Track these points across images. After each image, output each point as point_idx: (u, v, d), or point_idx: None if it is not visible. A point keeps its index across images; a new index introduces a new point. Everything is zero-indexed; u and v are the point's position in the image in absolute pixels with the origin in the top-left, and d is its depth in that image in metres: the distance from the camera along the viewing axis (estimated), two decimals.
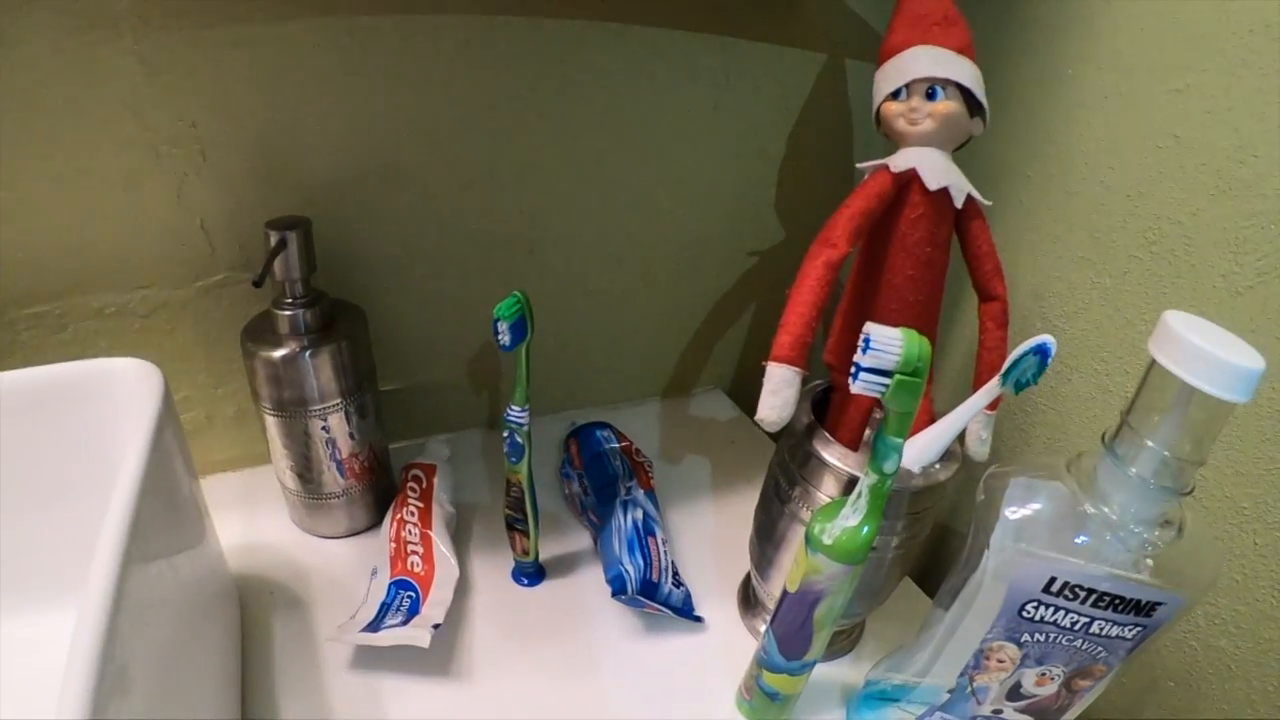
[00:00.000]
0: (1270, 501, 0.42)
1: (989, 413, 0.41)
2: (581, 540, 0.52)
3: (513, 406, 0.42)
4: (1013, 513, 0.33)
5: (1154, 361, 0.29)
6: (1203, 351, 0.27)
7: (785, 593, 0.37)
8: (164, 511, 0.32)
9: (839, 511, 0.34)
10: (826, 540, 0.34)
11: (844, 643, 0.47)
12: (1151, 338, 0.30)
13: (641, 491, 0.50)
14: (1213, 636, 0.46)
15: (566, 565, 0.49)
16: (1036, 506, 0.33)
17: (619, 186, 0.57)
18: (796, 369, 0.36)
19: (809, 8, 0.56)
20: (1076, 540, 0.32)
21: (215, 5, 0.41)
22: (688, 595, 0.47)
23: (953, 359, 0.63)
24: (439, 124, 0.48)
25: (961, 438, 0.42)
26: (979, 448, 0.41)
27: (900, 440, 0.32)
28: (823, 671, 0.45)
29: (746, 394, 0.74)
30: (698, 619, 0.46)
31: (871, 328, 0.30)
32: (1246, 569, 0.44)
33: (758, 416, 0.36)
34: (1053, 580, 0.32)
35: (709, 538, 0.53)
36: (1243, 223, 0.43)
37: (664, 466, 0.59)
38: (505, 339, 0.38)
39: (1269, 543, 0.42)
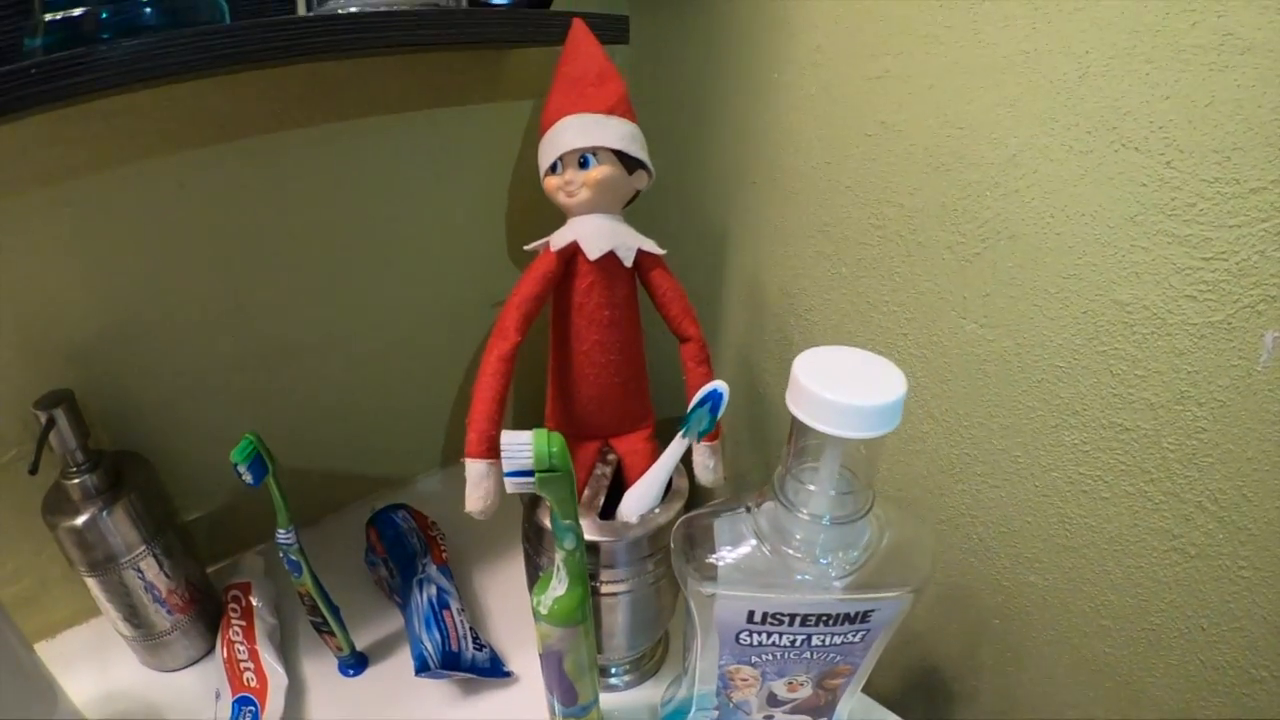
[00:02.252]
0: (1042, 448, 0.46)
1: (711, 444, 0.45)
2: (397, 621, 0.56)
3: (279, 530, 0.46)
4: (713, 558, 0.35)
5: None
6: (833, 403, 0.28)
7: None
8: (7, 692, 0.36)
9: (549, 584, 0.39)
10: (544, 610, 0.39)
11: (649, 665, 0.52)
12: (787, 391, 0.31)
13: (435, 567, 0.55)
14: (1021, 574, 0.51)
15: (386, 648, 0.55)
16: (728, 551, 0.35)
17: (364, 275, 0.62)
18: (489, 461, 0.40)
19: (513, 64, 0.59)
20: (770, 578, 0.34)
21: None
22: (492, 655, 0.52)
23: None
24: (174, 265, 0.53)
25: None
26: (708, 476, 0.46)
27: (569, 522, 0.36)
28: (633, 695, 0.51)
29: None
30: (507, 674, 0.51)
31: (504, 435, 0.34)
32: (1033, 510, 0.48)
33: (466, 509, 0.41)
34: (752, 612, 0.35)
35: (513, 593, 0.58)
36: (958, 195, 0.47)
37: (464, 531, 0.63)
38: (248, 478, 0.42)
39: (1046, 484, 0.47)
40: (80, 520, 0.47)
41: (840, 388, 0.29)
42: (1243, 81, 0.34)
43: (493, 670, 0.51)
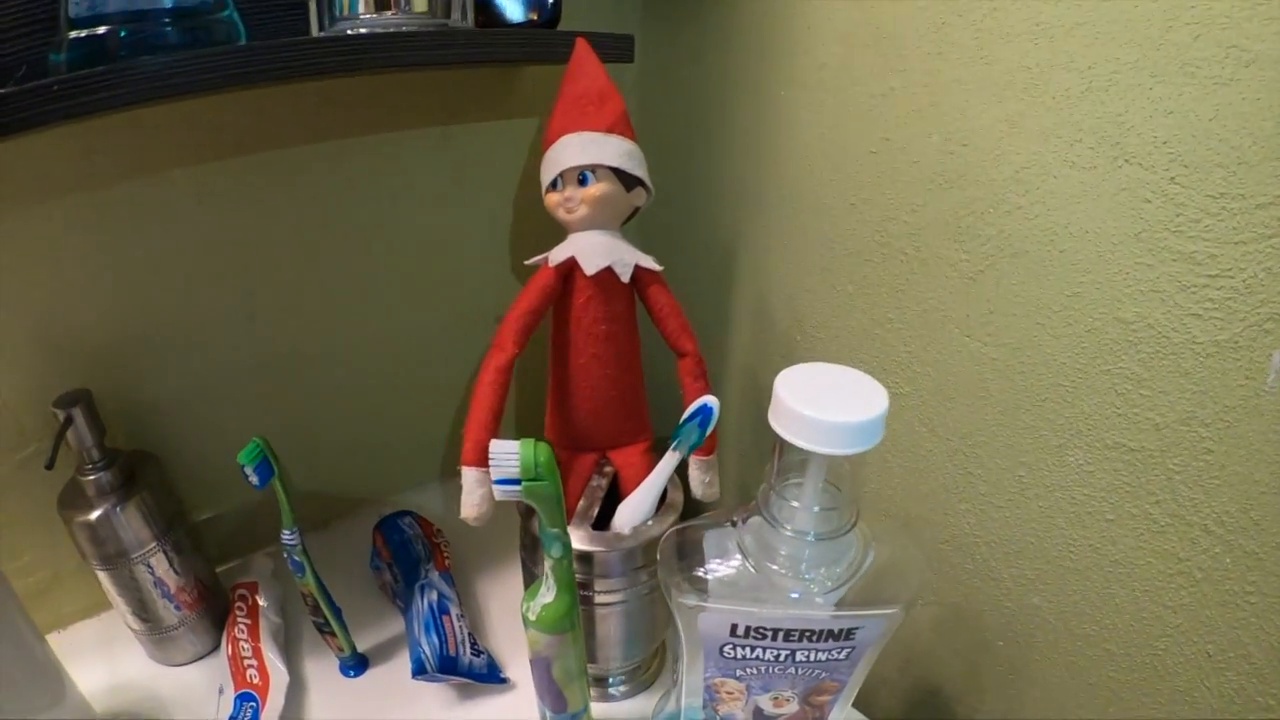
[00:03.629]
0: (1045, 468, 0.45)
1: (705, 459, 0.46)
2: (400, 625, 0.57)
3: (284, 531, 0.47)
4: (701, 571, 0.35)
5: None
6: (815, 420, 0.29)
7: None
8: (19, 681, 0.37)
9: (539, 591, 0.40)
10: (532, 617, 0.39)
11: (645, 676, 0.52)
12: (770, 408, 0.31)
13: (437, 573, 0.56)
14: (1025, 595, 0.49)
15: (388, 651, 0.55)
16: (716, 565, 0.35)
17: (374, 288, 0.63)
18: (483, 469, 0.40)
19: (526, 80, 0.60)
20: (756, 593, 0.34)
21: None
22: (490, 662, 0.52)
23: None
24: (191, 273, 0.54)
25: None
26: (703, 490, 0.46)
27: (556, 530, 0.37)
28: (630, 706, 0.51)
29: None
30: (504, 680, 0.51)
31: (492, 444, 0.34)
32: (1037, 530, 0.47)
33: (460, 515, 0.41)
34: (735, 626, 0.35)
35: (513, 601, 0.58)
36: (962, 212, 0.46)
37: (469, 539, 0.62)
38: (254, 480, 0.44)
39: (1049, 504, 0.46)
40: (94, 515, 0.48)
41: (822, 404, 0.29)
42: (1248, 94, 0.33)
43: (489, 676, 0.51)
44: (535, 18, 0.50)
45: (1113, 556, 0.44)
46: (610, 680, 0.51)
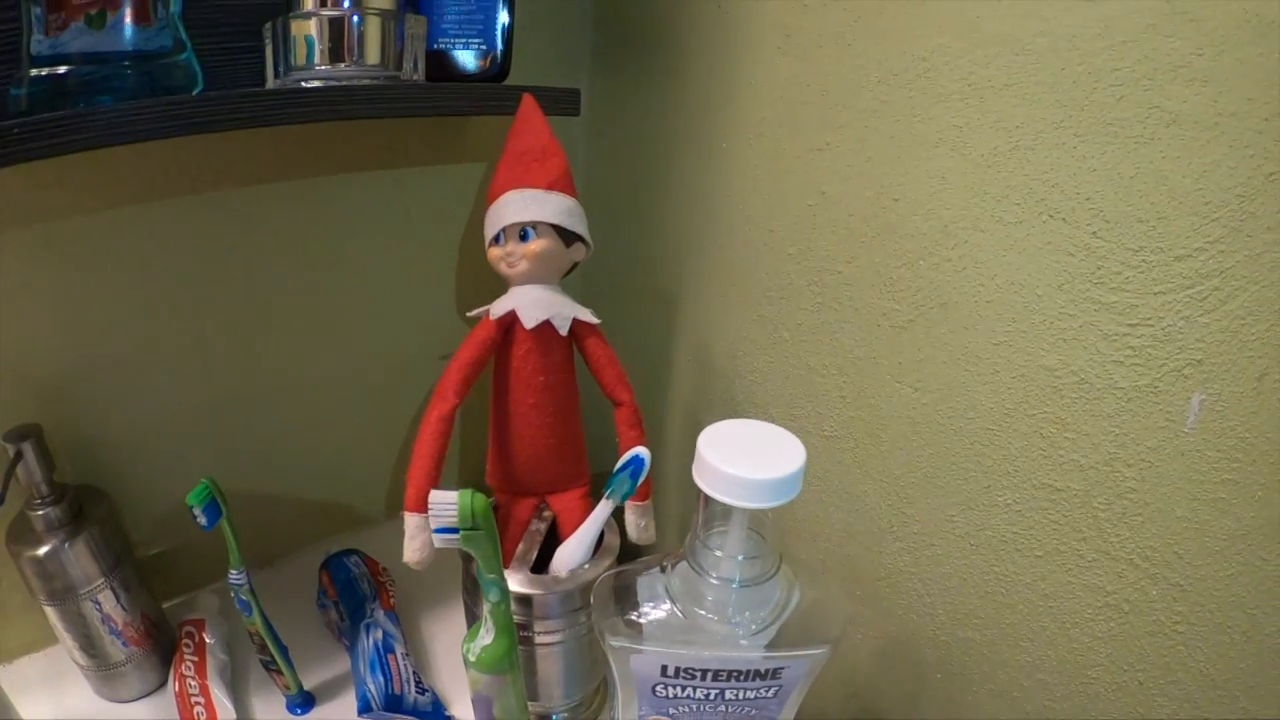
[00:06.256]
0: (976, 507, 0.47)
1: (640, 504, 0.47)
2: (346, 664, 0.55)
3: (231, 571, 0.47)
4: (634, 615, 0.36)
5: None
6: (735, 477, 0.30)
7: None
8: None
9: (478, 633, 0.41)
10: (472, 658, 0.39)
11: (586, 714, 0.51)
12: (693, 465, 0.32)
13: (382, 612, 0.54)
14: (960, 629, 0.49)
15: (334, 689, 0.54)
16: (649, 608, 0.36)
17: (323, 327, 0.62)
18: (425, 515, 0.41)
19: (475, 128, 0.61)
20: (685, 635, 0.35)
21: None
22: (435, 700, 0.50)
23: None
24: (143, 309, 0.53)
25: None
26: (639, 534, 0.47)
27: (493, 576, 0.38)
28: None
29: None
30: (448, 718, 0.51)
31: (432, 494, 0.35)
32: (969, 566, 0.48)
33: (404, 559, 0.42)
34: (665, 667, 0.35)
35: (457, 640, 0.55)
36: (894, 264, 0.46)
37: (414, 579, 0.60)
38: (203, 520, 0.44)
39: (980, 541, 0.47)
40: (42, 550, 0.47)
41: (742, 461, 0.30)
42: (1167, 153, 0.34)
43: (434, 714, 0.49)
44: (486, 65, 0.52)
45: (1042, 590, 0.44)
46: (553, 717, 0.51)
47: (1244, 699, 0.38)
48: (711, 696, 0.36)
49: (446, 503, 0.34)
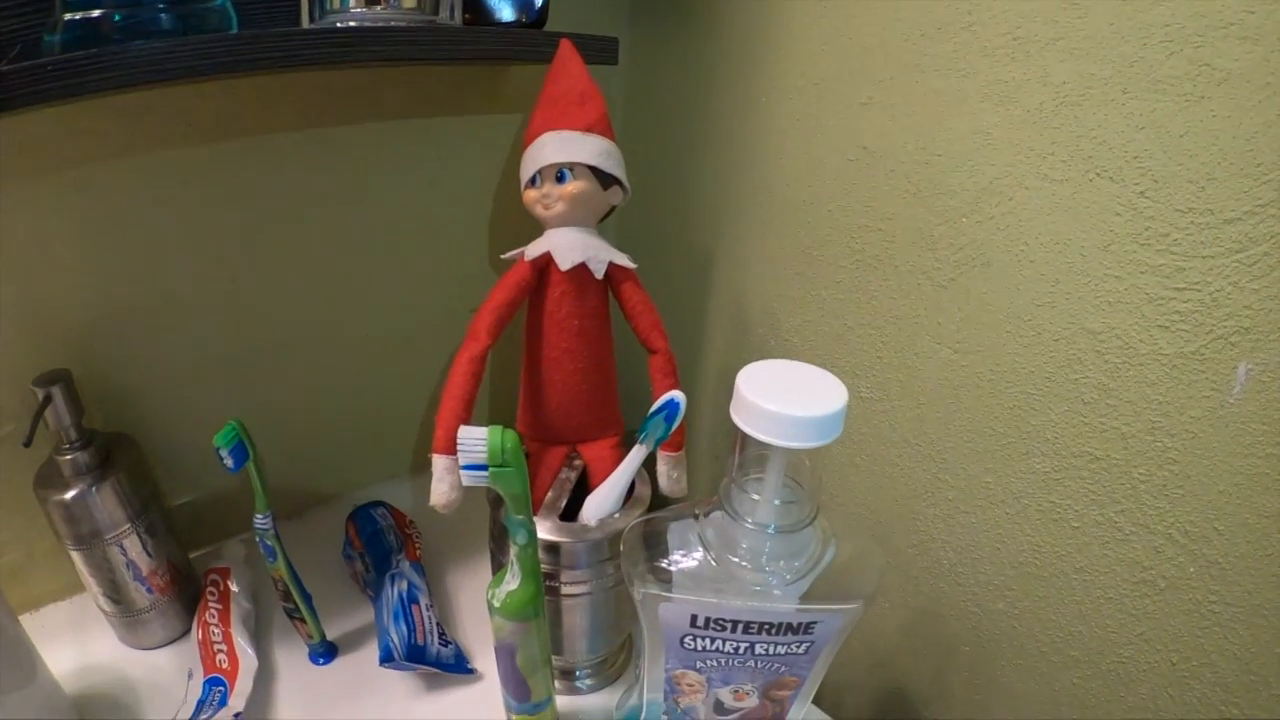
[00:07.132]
0: (1012, 475, 0.46)
1: (672, 454, 0.46)
2: (370, 615, 0.56)
3: (257, 515, 0.47)
4: (665, 563, 0.35)
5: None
6: (775, 414, 0.29)
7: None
8: None
9: (504, 578, 0.40)
10: (496, 603, 0.39)
11: (611, 670, 0.51)
12: (731, 403, 0.31)
13: (408, 563, 0.55)
14: (990, 601, 0.49)
15: (357, 640, 0.54)
16: (680, 556, 0.35)
17: (353, 277, 0.62)
18: (453, 457, 0.41)
19: (511, 78, 0.61)
20: (717, 584, 0.34)
21: None
22: (458, 652, 0.51)
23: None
24: (174, 257, 0.53)
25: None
26: (671, 485, 0.46)
27: (521, 517, 0.37)
28: (596, 699, 0.51)
29: None
30: (471, 671, 0.50)
31: (461, 430, 0.35)
32: (1003, 536, 0.47)
33: (430, 503, 0.42)
34: (695, 617, 0.35)
35: (482, 595, 0.58)
36: (935, 221, 0.46)
37: (440, 531, 0.63)
38: (229, 462, 0.44)
39: (1016, 510, 0.46)
40: (69, 495, 0.47)
41: (782, 399, 0.29)
42: (1218, 112, 0.33)
43: (457, 666, 0.50)
44: (524, 18, 0.51)
45: (1077, 563, 0.44)
46: (577, 673, 0.51)
47: (1278, 686, 0.37)
48: (741, 650, 0.36)
49: (476, 438, 0.34)
